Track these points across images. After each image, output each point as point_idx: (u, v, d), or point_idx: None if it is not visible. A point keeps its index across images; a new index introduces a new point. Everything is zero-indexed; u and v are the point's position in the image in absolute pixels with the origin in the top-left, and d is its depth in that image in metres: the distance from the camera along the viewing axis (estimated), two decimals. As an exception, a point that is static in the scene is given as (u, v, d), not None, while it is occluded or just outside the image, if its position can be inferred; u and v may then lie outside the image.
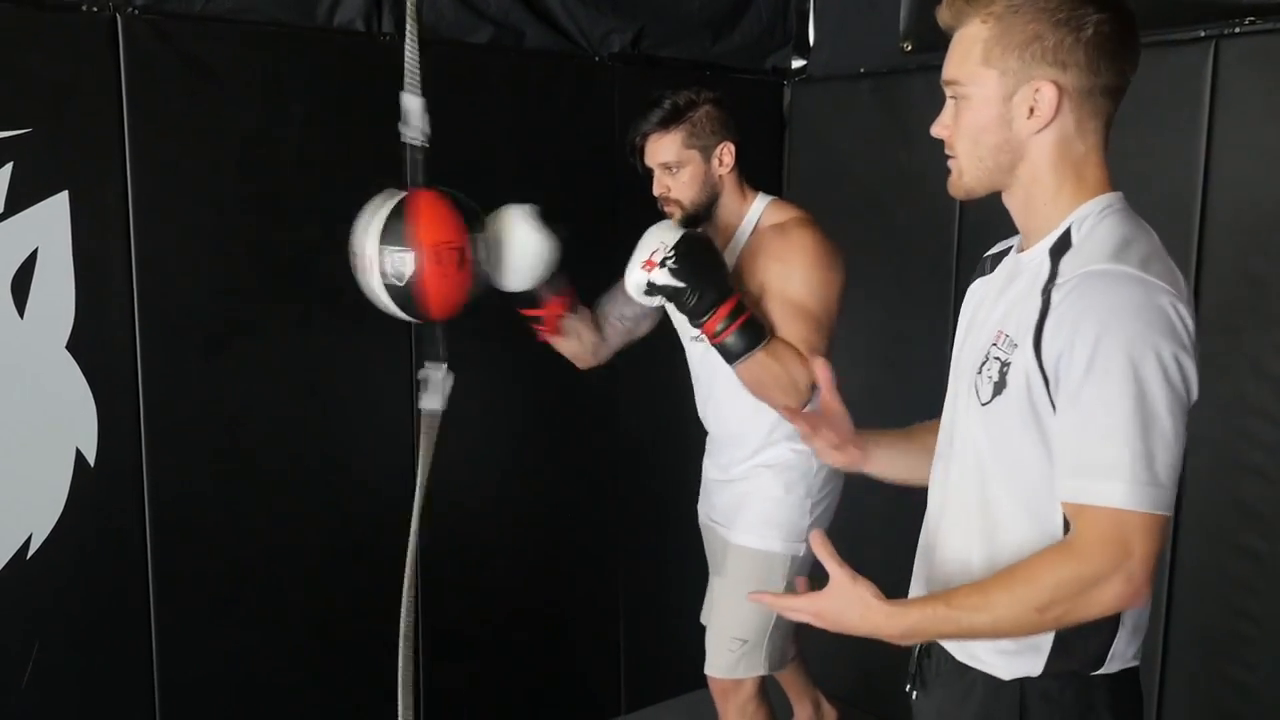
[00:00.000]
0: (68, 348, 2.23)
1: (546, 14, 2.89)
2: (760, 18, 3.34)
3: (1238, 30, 2.39)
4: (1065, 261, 1.30)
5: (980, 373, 1.37)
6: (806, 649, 2.88)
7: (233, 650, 2.53)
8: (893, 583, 1.95)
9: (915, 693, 1.56)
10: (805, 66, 3.45)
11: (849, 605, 1.41)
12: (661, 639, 3.28)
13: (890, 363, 3.21)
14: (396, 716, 2.39)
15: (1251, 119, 2.38)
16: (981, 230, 2.91)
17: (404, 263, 2.04)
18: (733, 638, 2.41)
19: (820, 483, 2.42)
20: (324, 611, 2.66)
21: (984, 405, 1.37)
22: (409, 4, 2.16)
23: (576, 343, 2.47)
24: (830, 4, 3.39)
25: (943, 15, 1.38)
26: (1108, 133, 1.36)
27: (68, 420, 2.25)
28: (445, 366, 2.22)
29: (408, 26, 2.16)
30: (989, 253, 1.57)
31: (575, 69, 2.98)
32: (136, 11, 2.25)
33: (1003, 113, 1.32)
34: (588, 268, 2.44)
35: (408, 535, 2.76)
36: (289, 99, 2.48)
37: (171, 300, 2.36)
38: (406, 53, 2.13)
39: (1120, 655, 1.37)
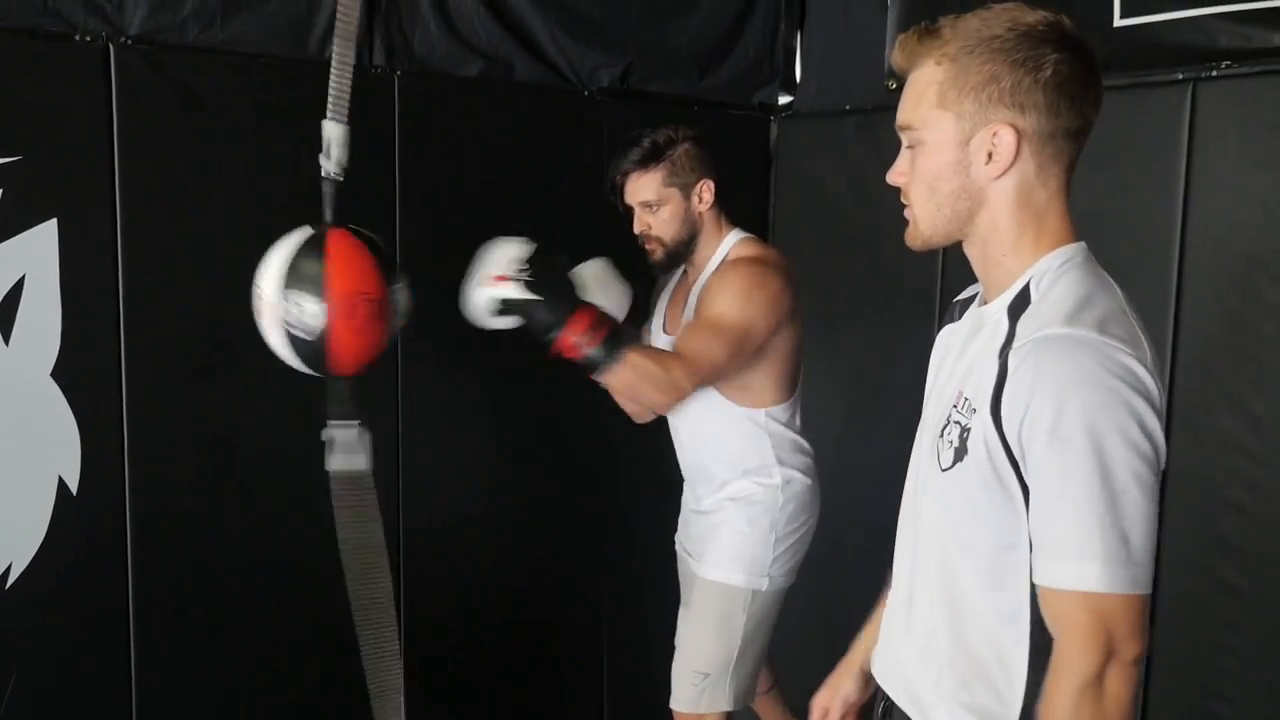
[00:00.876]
0: (52, 375, 2.23)
1: (536, 48, 2.92)
2: (747, 54, 3.38)
3: (1215, 74, 2.43)
4: (1022, 322, 1.24)
5: (941, 436, 1.31)
6: (790, 682, 2.88)
7: (214, 679, 2.51)
8: (871, 614, 1.96)
9: None
10: (791, 102, 3.49)
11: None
12: (644, 668, 3.26)
13: (874, 395, 3.23)
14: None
15: (1229, 160, 2.42)
16: (965, 266, 2.94)
17: (313, 314, 1.85)
18: (695, 671, 2.41)
19: (786, 518, 2.42)
20: (307, 637, 2.65)
21: (944, 471, 1.31)
22: (338, 23, 2.03)
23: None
24: (817, 41, 3.43)
25: (896, 59, 1.33)
26: (1069, 178, 1.30)
27: (51, 448, 2.25)
28: (358, 424, 2.05)
29: (335, 47, 2.01)
30: (959, 298, 1.52)
31: (564, 103, 3.00)
32: (129, 41, 2.27)
33: (960, 158, 1.27)
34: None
35: (392, 560, 2.77)
36: (279, 130, 2.49)
37: (157, 329, 2.36)
38: (333, 77, 1.99)
39: None
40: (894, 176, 1.36)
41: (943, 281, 3.00)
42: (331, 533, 2.63)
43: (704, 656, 2.41)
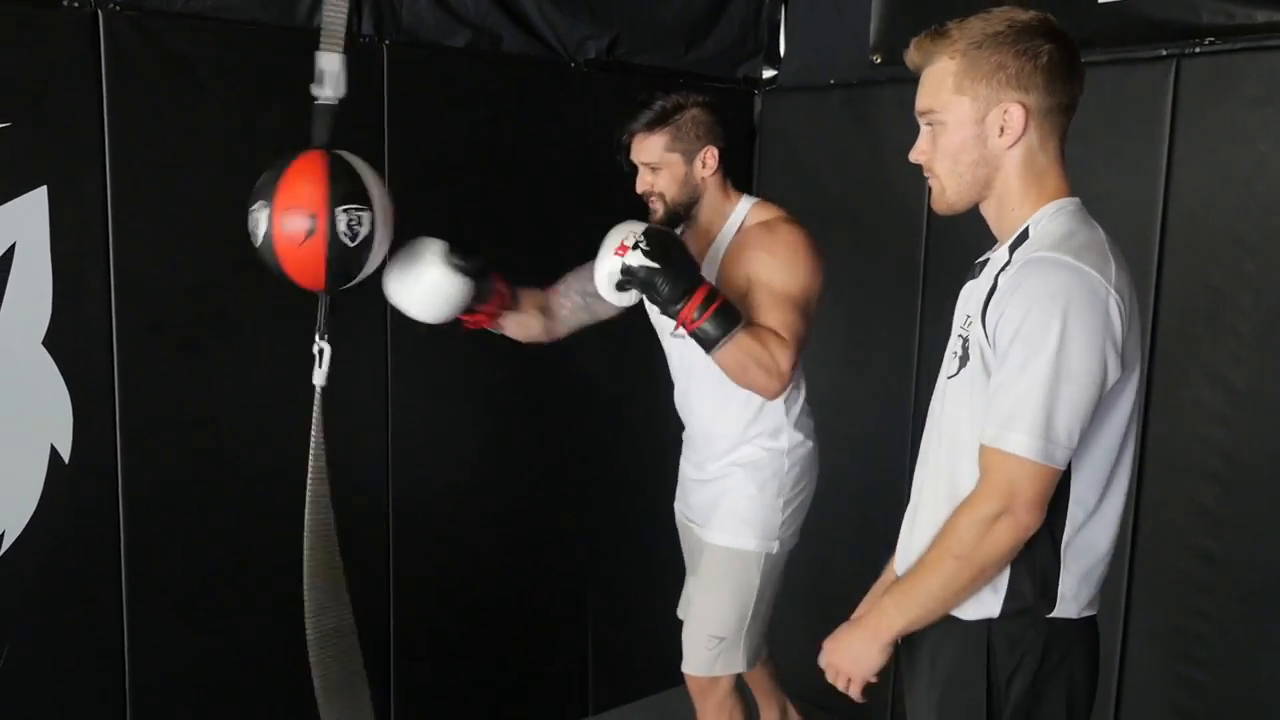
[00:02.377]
0: (44, 343, 2.22)
1: (524, 19, 2.92)
2: (732, 28, 3.39)
3: (1198, 50, 2.47)
4: (1018, 252, 1.52)
5: (952, 351, 1.60)
6: (776, 652, 2.93)
7: (205, 648, 2.52)
8: (864, 579, 2.00)
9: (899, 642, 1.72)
10: (776, 76, 3.50)
11: (842, 646, 1.66)
12: (629, 640, 3.31)
13: (857, 366, 3.27)
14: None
15: (1210, 136, 2.46)
16: (948, 238, 2.98)
17: (259, 222, 1.97)
18: (709, 635, 2.44)
19: (792, 481, 2.46)
20: (298, 611, 2.65)
21: (950, 379, 1.59)
22: None
23: (523, 328, 2.46)
24: (801, 16, 3.44)
25: (912, 57, 1.57)
26: (1063, 146, 1.56)
27: (43, 416, 2.24)
28: (322, 339, 2.13)
29: None
30: (979, 260, 1.69)
31: (551, 74, 3.01)
32: (117, 8, 2.25)
33: (977, 133, 1.52)
34: (561, 272, 2.48)
35: (382, 537, 2.79)
36: (268, 98, 2.48)
37: (149, 297, 2.35)
38: (328, 8, 2.06)
39: (1073, 597, 1.54)
40: (916, 155, 1.60)
41: (926, 253, 3.03)
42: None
43: (718, 621, 2.44)
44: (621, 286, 2.17)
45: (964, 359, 1.55)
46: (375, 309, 2.67)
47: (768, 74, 3.51)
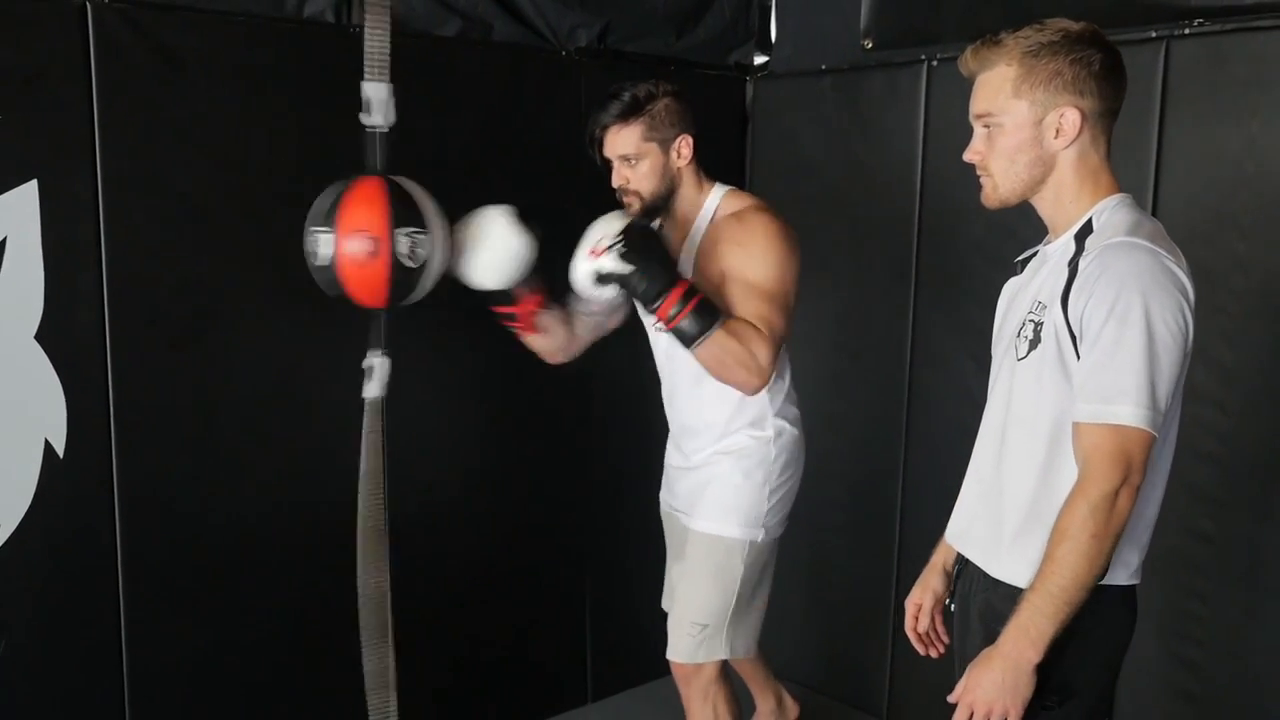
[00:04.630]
0: (36, 338, 2.22)
1: (514, 8, 2.92)
2: (723, 14, 3.39)
3: (1187, 31, 2.47)
4: (1089, 240, 1.61)
5: (1019, 335, 1.68)
6: (772, 639, 2.93)
7: (202, 642, 2.53)
8: (859, 565, 2.01)
9: (954, 605, 1.87)
10: (768, 62, 3.50)
11: (987, 681, 1.58)
12: (627, 628, 3.31)
13: (851, 352, 3.27)
14: (366, 706, 2.40)
15: (1200, 117, 2.47)
16: (940, 223, 2.98)
17: (321, 244, 2.07)
18: (693, 622, 2.44)
19: (779, 469, 2.45)
20: (294, 603, 2.67)
21: (1020, 360, 1.66)
22: None
23: (549, 339, 2.49)
24: (792, 1, 3.44)
25: (968, 64, 1.67)
26: (1110, 146, 1.67)
27: (36, 411, 2.24)
28: (380, 353, 2.25)
29: (370, 11, 2.16)
30: (1019, 258, 1.84)
31: (542, 63, 3.00)
32: (106, 0, 2.24)
33: (1035, 135, 1.62)
34: (554, 261, 2.47)
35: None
36: (259, 89, 2.48)
37: (142, 290, 2.35)
38: (370, 40, 2.15)
39: (1125, 565, 1.64)
40: (971, 155, 1.70)
41: (919, 238, 3.03)
42: (317, 496, 2.66)
43: (701, 608, 2.44)
44: (600, 285, 2.21)
45: (1034, 342, 1.63)
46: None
47: (759, 60, 3.51)
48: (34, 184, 2.18)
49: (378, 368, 2.26)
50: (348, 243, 2.06)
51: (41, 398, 2.24)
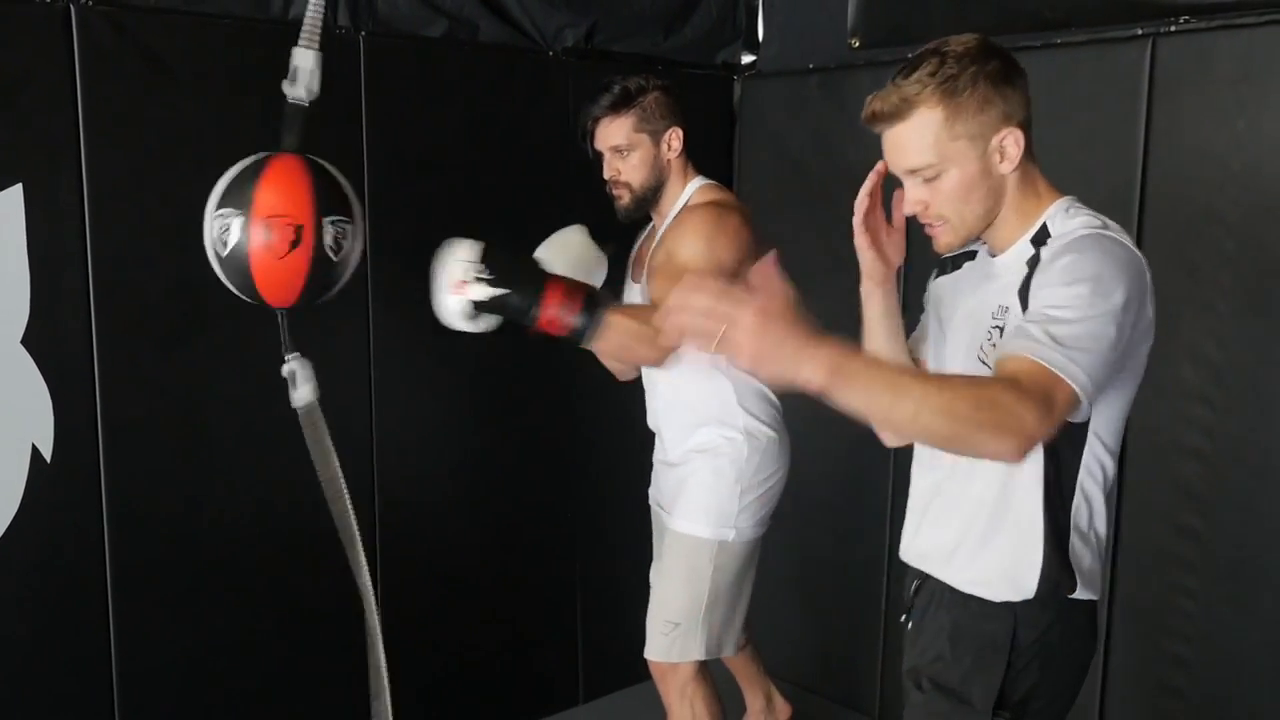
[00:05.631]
0: (22, 343, 2.21)
1: (501, 8, 2.91)
2: (710, 13, 3.39)
3: (1173, 29, 2.48)
4: (1047, 245, 1.52)
5: (981, 350, 1.57)
6: (764, 638, 2.94)
7: (192, 645, 2.52)
8: (846, 564, 2.01)
9: (910, 622, 1.75)
10: (755, 62, 3.50)
11: (772, 324, 1.28)
12: (618, 629, 3.30)
13: (840, 353, 3.27)
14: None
15: (1187, 114, 2.47)
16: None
17: (230, 230, 1.82)
18: (665, 620, 2.45)
19: (753, 469, 2.44)
20: (283, 605, 2.66)
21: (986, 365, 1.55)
22: None
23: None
24: (779, 1, 3.44)
25: (876, 120, 1.54)
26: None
27: (23, 416, 2.23)
28: (297, 355, 2.03)
29: None
30: (947, 256, 1.74)
31: (529, 63, 3.00)
32: (90, 2, 2.23)
33: (983, 168, 1.52)
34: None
35: (368, 529, 2.78)
36: (244, 92, 2.46)
37: (127, 294, 2.34)
38: (311, 4, 1.96)
39: (1089, 579, 1.58)
40: (913, 207, 1.57)
41: (906, 236, 3.03)
42: (306, 498, 2.65)
43: (674, 607, 2.45)
44: (476, 314, 2.04)
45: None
46: (356, 300, 2.67)
47: (746, 59, 3.51)
48: (19, 188, 2.17)
49: (300, 371, 2.02)
50: (264, 229, 1.81)
51: (28, 403, 2.23)
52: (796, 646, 3.44)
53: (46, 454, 2.26)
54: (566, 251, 2.32)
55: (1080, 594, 1.58)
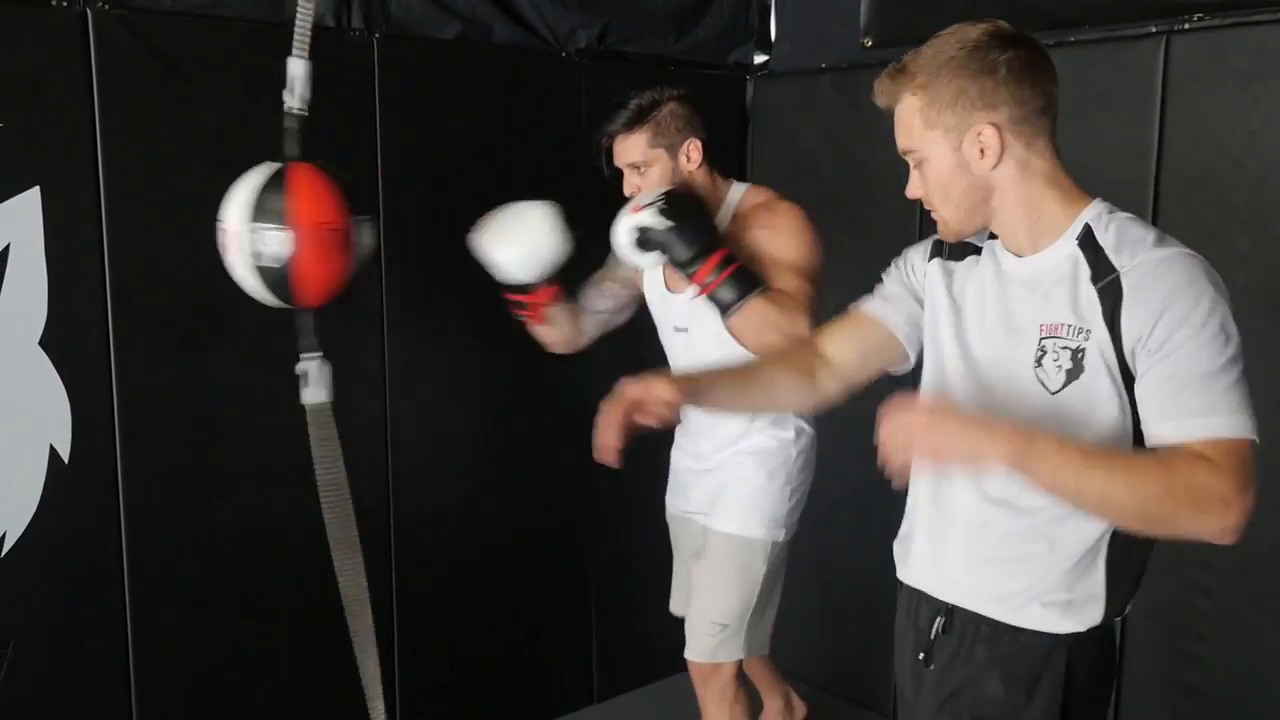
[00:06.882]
0: (40, 344, 2.23)
1: (514, 10, 2.92)
2: (723, 14, 3.39)
3: (1187, 26, 2.47)
4: (1116, 256, 1.43)
5: (1040, 366, 1.48)
6: (780, 639, 2.93)
7: (209, 647, 2.53)
8: (863, 565, 2.00)
9: (933, 663, 1.66)
10: (767, 62, 3.51)
11: (938, 422, 1.40)
12: (632, 628, 3.32)
13: (854, 352, 3.27)
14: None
15: (1201, 112, 2.46)
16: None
17: (279, 243, 1.88)
18: (713, 622, 2.44)
19: (798, 470, 2.47)
20: (300, 607, 2.67)
21: (1054, 394, 1.47)
22: None
23: (555, 331, 2.50)
24: (791, 1, 3.44)
25: (879, 99, 1.54)
26: (1054, 143, 1.50)
27: (41, 417, 2.25)
28: (320, 356, 2.11)
29: None
30: (938, 237, 1.65)
31: (542, 64, 3.01)
32: (107, 6, 2.25)
33: (959, 161, 1.47)
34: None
35: (384, 529, 2.79)
36: (260, 94, 2.47)
37: (145, 296, 2.36)
38: (299, 15, 2.02)
39: (1128, 601, 1.55)
40: (911, 192, 1.56)
41: (920, 236, 3.02)
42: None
43: (723, 608, 2.44)
44: (641, 245, 2.18)
45: (1074, 371, 1.45)
46: (371, 300, 2.68)
47: (759, 59, 3.51)
48: (36, 190, 2.19)
49: (314, 371, 2.09)
50: (314, 237, 1.88)
51: (46, 403, 2.25)
52: (812, 647, 3.43)
53: (64, 455, 2.28)
54: (521, 230, 2.31)
55: (1110, 617, 1.54)
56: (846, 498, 3.27)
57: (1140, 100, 2.53)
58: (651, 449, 2.84)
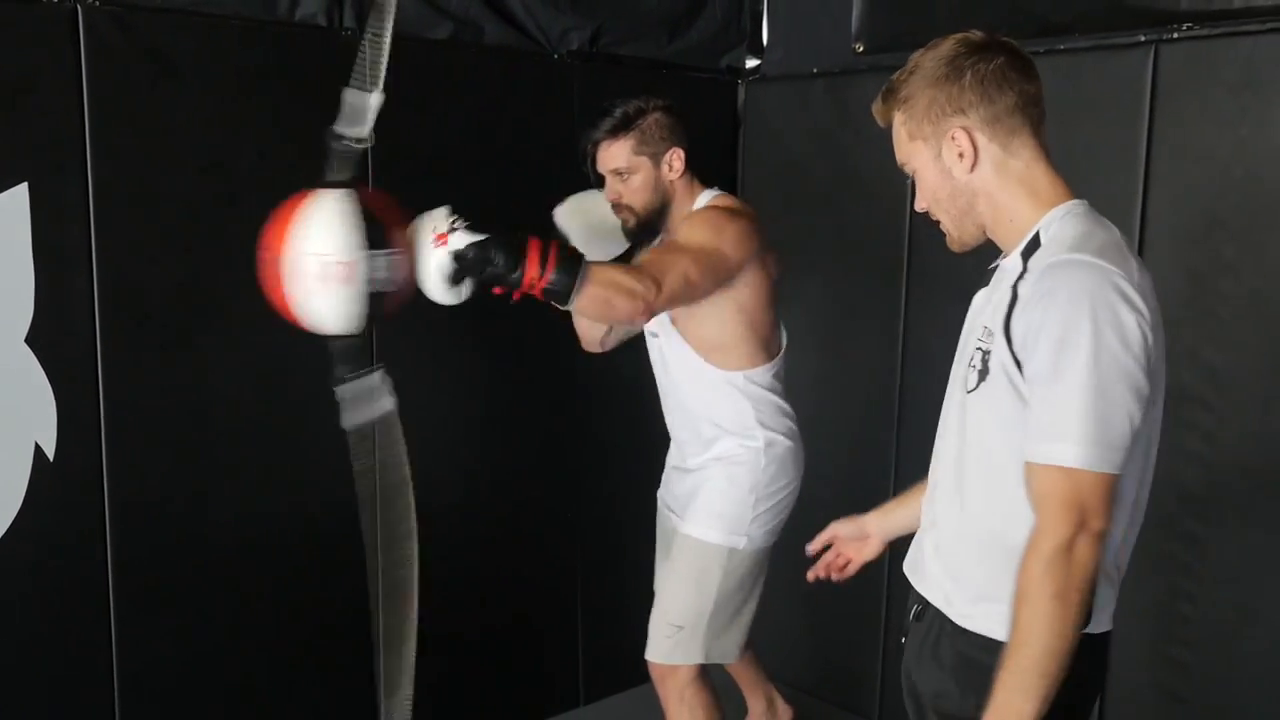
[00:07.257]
0: (27, 341, 2.22)
1: (506, 11, 2.92)
2: (715, 17, 3.40)
3: (1176, 36, 2.48)
4: (1033, 259, 1.47)
5: (969, 364, 1.54)
6: (764, 642, 2.93)
7: (193, 644, 2.52)
8: (847, 580, 2.02)
9: (906, 639, 1.71)
10: (759, 66, 3.51)
11: None
12: (620, 630, 3.30)
13: (840, 355, 3.28)
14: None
15: (1189, 121, 2.48)
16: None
17: (388, 266, 1.88)
18: (669, 623, 2.46)
19: (768, 479, 2.46)
20: (286, 607, 2.66)
21: (970, 393, 1.53)
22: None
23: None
24: (784, 5, 3.45)
25: (879, 122, 1.61)
26: (1039, 143, 1.52)
27: (27, 414, 2.24)
28: (380, 369, 2.06)
29: (371, 19, 2.01)
30: (992, 265, 1.66)
31: (534, 66, 3.01)
32: (97, 3, 2.24)
33: (941, 169, 1.53)
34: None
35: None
36: (250, 92, 2.48)
37: (132, 293, 2.35)
38: (370, 44, 2.00)
39: (1104, 609, 1.52)
40: (918, 205, 1.62)
41: (910, 241, 3.04)
42: (308, 499, 2.65)
43: (678, 609, 2.46)
44: (455, 278, 1.93)
45: (984, 373, 1.49)
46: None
47: (751, 64, 3.52)
48: (24, 187, 2.18)
49: (379, 382, 2.07)
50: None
51: (32, 401, 2.24)
52: (797, 650, 3.44)
53: (50, 452, 2.26)
54: (585, 216, 2.34)
55: (1095, 627, 1.50)
56: (832, 501, 3.27)
57: (1129, 109, 2.54)
58: (639, 451, 2.85)
